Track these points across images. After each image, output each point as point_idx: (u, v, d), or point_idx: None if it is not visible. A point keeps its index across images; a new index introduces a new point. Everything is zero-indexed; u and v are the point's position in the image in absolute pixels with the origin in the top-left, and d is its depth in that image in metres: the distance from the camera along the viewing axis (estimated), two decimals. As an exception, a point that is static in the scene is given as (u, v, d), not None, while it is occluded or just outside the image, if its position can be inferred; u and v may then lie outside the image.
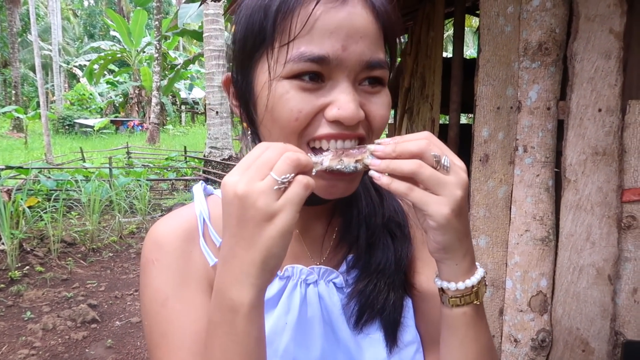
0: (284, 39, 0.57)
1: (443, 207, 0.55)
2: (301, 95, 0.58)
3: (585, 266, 1.67)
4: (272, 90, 0.59)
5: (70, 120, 25.09)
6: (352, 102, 0.58)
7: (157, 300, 0.65)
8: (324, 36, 0.56)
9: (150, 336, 0.66)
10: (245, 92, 0.65)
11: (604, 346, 1.67)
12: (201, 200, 0.72)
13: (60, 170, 10.08)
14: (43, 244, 5.98)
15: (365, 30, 0.58)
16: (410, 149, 0.55)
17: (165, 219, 0.71)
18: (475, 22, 12.54)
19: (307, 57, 0.56)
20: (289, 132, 0.59)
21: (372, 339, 0.70)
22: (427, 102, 2.69)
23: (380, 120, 0.63)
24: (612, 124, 1.60)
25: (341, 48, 0.57)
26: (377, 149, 0.56)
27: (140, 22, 23.26)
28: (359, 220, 0.74)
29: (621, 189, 1.62)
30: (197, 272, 0.67)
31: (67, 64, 31.24)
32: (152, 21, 23.95)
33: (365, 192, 0.77)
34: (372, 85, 0.62)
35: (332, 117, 0.58)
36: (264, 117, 0.61)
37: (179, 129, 29.76)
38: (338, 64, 0.57)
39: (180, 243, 0.67)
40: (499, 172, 1.81)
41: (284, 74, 0.58)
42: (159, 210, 8.32)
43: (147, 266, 0.67)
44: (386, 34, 0.62)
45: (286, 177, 0.50)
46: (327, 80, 0.59)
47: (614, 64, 1.59)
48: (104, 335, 3.98)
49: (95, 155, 15.66)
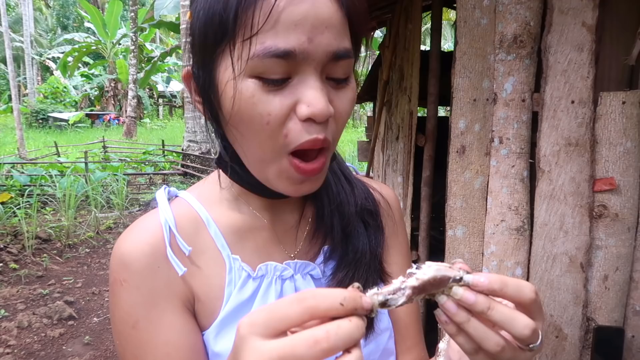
0: (246, 32, 0.54)
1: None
2: (268, 97, 0.55)
3: (559, 254, 1.70)
4: (237, 91, 0.56)
5: (43, 114, 24.51)
6: (322, 97, 0.55)
7: (127, 322, 0.63)
8: (289, 29, 0.53)
9: (123, 357, 0.65)
10: (208, 89, 0.61)
11: (577, 332, 1.72)
12: (165, 207, 0.68)
13: (34, 165, 9.87)
14: (17, 241, 5.85)
15: (330, 20, 0.56)
16: (513, 329, 0.46)
17: (129, 233, 0.67)
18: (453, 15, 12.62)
19: (273, 52, 0.53)
20: (264, 137, 0.57)
21: None
22: (406, 95, 2.70)
23: (345, 117, 0.61)
24: (584, 116, 1.64)
25: (307, 40, 0.54)
26: (478, 284, 0.46)
27: (115, 13, 22.79)
28: (331, 209, 0.73)
29: (593, 179, 1.65)
30: (166, 288, 0.64)
31: (40, 56, 30.47)
32: (127, 12, 23.48)
33: (335, 180, 0.76)
34: (338, 82, 0.60)
35: (304, 116, 0.55)
36: (231, 118, 0.58)
37: (157, 122, 29.34)
38: (304, 58, 0.55)
39: (147, 259, 0.64)
40: (475, 163, 1.84)
41: (248, 71, 0.55)
42: (137, 205, 8.21)
43: (116, 287, 0.64)
44: (351, 22, 0.60)
45: None
46: (293, 76, 0.56)
47: (586, 56, 1.62)
48: (82, 332, 3.92)
49: (71, 149, 15.34)
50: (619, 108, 1.59)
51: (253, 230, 0.72)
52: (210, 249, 0.68)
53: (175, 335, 0.63)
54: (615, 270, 1.65)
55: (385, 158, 3.41)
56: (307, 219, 0.76)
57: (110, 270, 0.66)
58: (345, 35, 0.58)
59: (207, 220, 0.70)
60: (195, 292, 0.66)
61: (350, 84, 0.61)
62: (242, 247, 0.70)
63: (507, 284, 0.46)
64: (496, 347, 0.46)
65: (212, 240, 0.69)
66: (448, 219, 1.90)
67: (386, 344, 0.75)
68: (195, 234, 0.68)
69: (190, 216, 0.70)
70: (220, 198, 0.73)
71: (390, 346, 0.76)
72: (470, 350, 0.48)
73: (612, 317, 1.68)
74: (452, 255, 1.89)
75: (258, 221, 0.72)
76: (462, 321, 0.46)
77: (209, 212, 0.70)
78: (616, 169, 1.61)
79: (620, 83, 1.67)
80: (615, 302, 1.67)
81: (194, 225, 0.69)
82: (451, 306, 0.46)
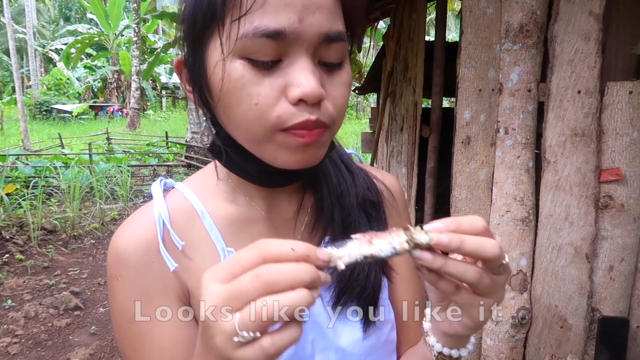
0: (235, 13, 0.53)
1: (487, 311, 0.53)
2: (257, 79, 0.54)
3: (564, 245, 1.70)
4: (226, 71, 0.55)
5: (47, 106, 24.55)
6: (313, 79, 0.54)
7: (124, 317, 0.64)
8: (279, 8, 0.52)
9: (123, 350, 0.66)
10: (198, 75, 0.60)
11: (581, 322, 1.72)
12: (160, 201, 0.67)
13: (39, 156, 9.90)
14: (22, 232, 5.89)
15: (322, 1, 0.54)
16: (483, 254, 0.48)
17: (124, 228, 0.67)
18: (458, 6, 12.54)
19: (262, 31, 0.52)
20: (253, 117, 0.56)
21: (349, 320, 0.70)
22: (410, 85, 2.69)
23: (340, 99, 0.59)
24: (590, 106, 1.63)
25: (297, 20, 0.53)
26: (441, 241, 0.47)
27: (118, 4, 22.72)
28: (331, 200, 0.72)
29: (599, 170, 1.65)
30: (161, 283, 0.65)
31: (43, 47, 30.44)
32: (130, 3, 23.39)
33: (335, 170, 0.75)
34: (331, 67, 0.58)
35: (294, 98, 0.54)
36: (219, 100, 0.58)
37: (160, 114, 29.32)
38: (295, 38, 0.53)
39: (141, 255, 0.64)
40: (480, 154, 1.83)
41: (238, 52, 0.54)
42: (141, 197, 8.24)
43: (112, 281, 0.65)
44: (345, 5, 0.59)
45: (249, 334, 0.42)
46: (284, 58, 0.55)
47: (593, 46, 1.61)
48: (88, 322, 3.96)
49: (75, 141, 15.37)
50: (626, 98, 1.58)
51: (249, 221, 0.71)
52: (204, 243, 0.68)
53: (171, 329, 0.63)
54: (620, 261, 1.65)
55: (390, 149, 3.41)
56: (306, 209, 0.75)
57: (107, 265, 0.67)
58: (339, 17, 0.57)
59: (202, 212, 0.69)
60: (190, 287, 0.66)
61: (344, 68, 0.60)
62: (238, 239, 0.69)
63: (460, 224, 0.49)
64: (476, 275, 0.49)
65: (207, 233, 0.68)
66: (453, 210, 1.90)
67: (388, 335, 0.75)
68: (190, 227, 0.68)
69: (185, 209, 0.69)
70: (218, 189, 0.72)
71: (392, 337, 0.77)
72: (451, 290, 0.51)
73: (617, 308, 1.68)
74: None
75: (254, 212, 0.71)
76: (441, 264, 0.48)
77: (204, 204, 0.70)
78: (622, 159, 1.60)
79: (627, 73, 1.66)
80: (620, 292, 1.67)
81: (188, 218, 0.68)
82: (427, 256, 0.48)
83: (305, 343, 0.68)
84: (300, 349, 0.68)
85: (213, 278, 0.45)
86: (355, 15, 0.62)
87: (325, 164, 0.74)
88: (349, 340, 0.70)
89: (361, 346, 0.70)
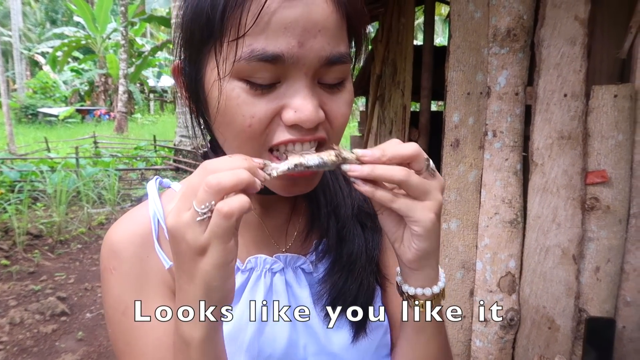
0: (233, 33, 0.52)
1: (428, 212, 0.53)
2: (253, 100, 0.54)
3: (552, 247, 1.72)
4: (222, 92, 0.54)
5: (33, 109, 24.26)
6: (310, 104, 0.53)
7: (117, 309, 0.64)
8: (278, 32, 0.51)
9: (115, 343, 0.66)
10: (196, 87, 0.60)
11: (569, 323, 1.74)
12: (155, 199, 0.67)
13: (24, 160, 9.77)
14: (8, 237, 5.80)
15: (325, 23, 0.53)
16: (402, 152, 0.53)
17: (119, 223, 0.67)
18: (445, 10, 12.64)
19: (259, 56, 0.51)
20: (245, 138, 0.55)
21: (340, 327, 0.70)
22: (399, 89, 2.70)
23: (341, 119, 0.59)
24: (577, 109, 1.65)
25: (297, 45, 0.51)
26: (365, 154, 0.52)
27: (105, 7, 22.54)
28: (328, 211, 0.72)
29: (585, 172, 1.67)
30: (155, 277, 0.65)
31: (29, 50, 30.09)
32: (117, 7, 23.24)
33: (333, 181, 0.75)
34: (331, 87, 0.58)
35: (289, 122, 0.54)
36: (216, 119, 0.57)
37: (148, 117, 29.14)
38: (294, 62, 0.52)
39: (136, 249, 0.64)
40: (469, 156, 1.85)
41: (235, 74, 0.53)
42: (129, 201, 8.17)
43: (106, 274, 0.65)
44: (349, 23, 0.57)
45: (205, 206, 0.46)
46: (282, 80, 0.54)
47: (578, 50, 1.63)
48: (75, 328, 3.90)
49: (61, 145, 15.20)
50: (611, 101, 1.60)
51: (243, 224, 0.71)
52: None
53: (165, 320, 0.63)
54: (606, 262, 1.67)
55: (379, 152, 3.42)
56: (299, 215, 0.75)
57: (100, 258, 0.67)
58: (341, 38, 0.56)
59: None
60: None
61: (345, 87, 0.60)
62: None
63: (384, 148, 0.53)
64: (403, 172, 0.52)
65: None
66: (442, 212, 1.91)
67: (381, 338, 0.75)
68: None
69: None
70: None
71: (385, 342, 0.76)
72: (389, 197, 0.53)
73: (604, 308, 1.70)
74: (446, 248, 1.90)
75: (249, 215, 0.71)
76: (370, 170, 0.52)
77: None
78: (608, 161, 1.63)
79: (612, 76, 1.69)
80: (606, 293, 1.69)
81: None
82: (356, 166, 0.52)
83: (298, 347, 0.68)
84: (292, 352, 0.68)
85: (171, 202, 0.50)
86: (360, 34, 0.61)
87: (323, 173, 0.74)
88: (341, 345, 0.70)
89: (353, 351, 0.70)
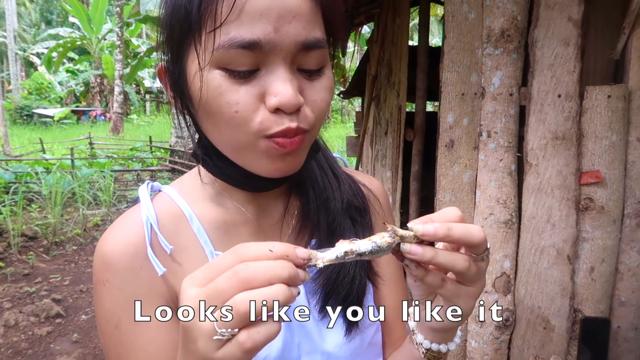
0: (210, 24, 0.53)
1: (472, 300, 0.54)
2: (235, 87, 0.55)
3: (546, 247, 1.72)
4: (204, 82, 0.55)
5: (28, 110, 24.17)
6: (290, 87, 0.54)
7: (110, 322, 0.63)
8: (254, 19, 0.52)
9: (107, 355, 0.65)
10: (179, 83, 0.60)
11: (564, 323, 1.74)
12: (147, 204, 0.67)
13: (19, 161, 9.73)
14: (2, 239, 5.77)
15: (299, 9, 0.54)
16: (471, 239, 0.50)
17: (111, 232, 0.66)
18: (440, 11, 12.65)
19: (238, 43, 0.52)
20: (234, 125, 0.56)
21: (334, 324, 0.71)
22: (394, 90, 2.70)
23: (321, 103, 0.59)
24: (571, 110, 1.66)
25: (273, 30, 0.53)
26: (427, 232, 0.48)
27: (100, 8, 22.51)
28: (317, 204, 0.73)
29: (579, 172, 1.67)
30: (148, 288, 0.64)
31: (24, 51, 29.98)
32: (113, 7, 23.18)
33: (322, 174, 0.75)
34: (311, 74, 0.58)
35: (272, 107, 0.54)
36: (200, 109, 0.58)
37: (144, 118, 29.05)
38: (271, 48, 0.53)
39: (129, 260, 0.63)
40: (464, 157, 1.85)
41: (215, 62, 0.54)
42: (125, 202, 8.15)
43: (99, 286, 0.64)
44: (324, 10, 0.58)
45: (226, 331, 0.43)
46: (261, 67, 0.55)
47: (572, 50, 1.64)
48: (70, 330, 3.89)
49: (56, 146, 15.15)
50: (605, 102, 1.61)
51: (237, 225, 0.71)
52: (192, 246, 0.67)
53: (158, 335, 0.63)
54: (601, 262, 1.68)
55: (374, 153, 3.42)
56: (292, 213, 0.75)
57: (93, 269, 0.66)
58: (317, 24, 0.57)
59: (190, 216, 0.68)
60: (178, 291, 0.65)
61: (325, 74, 0.60)
62: (227, 242, 0.69)
63: (451, 227, 0.49)
64: (465, 263, 0.50)
65: (195, 236, 0.68)
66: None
67: (372, 338, 0.75)
68: (177, 231, 0.67)
69: (173, 212, 0.69)
70: (204, 193, 0.71)
71: (377, 340, 0.77)
72: (438, 283, 0.52)
73: (599, 308, 1.70)
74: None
75: (242, 216, 0.71)
76: (432, 256, 0.49)
77: (191, 208, 0.69)
78: (602, 162, 1.63)
79: (605, 77, 1.69)
80: (601, 293, 1.70)
81: (176, 222, 0.68)
82: (417, 248, 0.49)
83: (292, 346, 0.69)
84: (287, 351, 0.68)
85: (192, 283, 0.45)
86: (335, 20, 0.61)
87: (312, 167, 0.75)
88: (334, 343, 0.70)
89: (346, 348, 0.71)
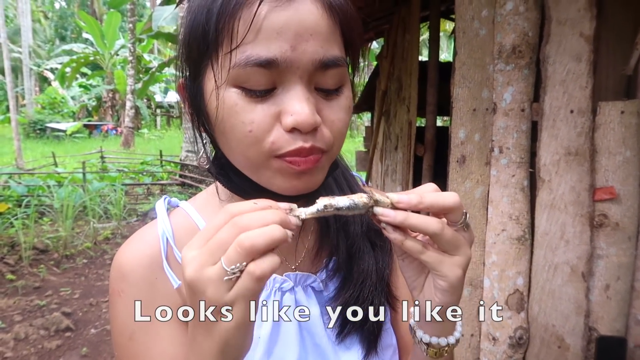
0: (227, 45, 0.53)
1: (457, 268, 0.53)
2: (251, 106, 0.54)
3: (560, 264, 1.70)
4: (220, 100, 0.55)
5: (41, 125, 24.48)
6: (307, 107, 0.54)
7: (124, 334, 0.63)
8: (271, 37, 0.52)
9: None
10: (197, 100, 0.61)
11: (579, 342, 1.71)
12: (164, 218, 0.68)
13: (32, 175, 9.84)
14: (14, 252, 5.81)
15: (316, 27, 0.54)
16: (442, 203, 0.52)
17: (128, 245, 0.67)
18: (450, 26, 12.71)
19: (254, 61, 0.52)
20: (247, 144, 0.56)
21: (351, 347, 0.70)
22: (404, 105, 2.71)
23: (338, 124, 0.59)
24: (583, 125, 1.65)
25: (290, 48, 0.53)
26: (401, 200, 0.51)
27: (113, 24, 22.87)
28: (337, 227, 0.72)
29: (593, 188, 1.66)
30: (163, 300, 0.64)
31: (38, 66, 30.50)
32: (125, 24, 23.55)
33: (341, 195, 0.75)
34: (328, 93, 0.58)
35: (288, 126, 0.54)
36: (216, 127, 0.58)
37: (154, 132, 29.32)
38: (288, 66, 0.53)
39: (144, 272, 0.64)
40: (475, 172, 1.84)
41: (231, 80, 0.54)
42: (135, 215, 8.18)
43: (114, 297, 0.65)
44: (342, 29, 0.58)
45: (236, 266, 0.45)
46: (278, 86, 0.55)
47: (584, 66, 1.63)
48: (79, 344, 3.88)
49: (68, 160, 15.30)
50: (618, 117, 1.59)
51: None
52: None
53: (172, 347, 0.62)
54: (616, 280, 1.65)
55: (384, 168, 3.41)
56: (309, 231, 0.75)
57: (109, 280, 0.67)
58: (335, 42, 0.57)
59: None
60: None
61: (343, 93, 0.60)
62: None
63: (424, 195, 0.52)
64: (438, 224, 0.51)
65: None
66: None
67: (390, 359, 0.74)
68: None
69: (189, 227, 0.69)
70: (220, 209, 0.72)
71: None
72: (418, 248, 0.52)
73: (614, 327, 1.67)
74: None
75: None
76: (403, 218, 0.51)
77: (207, 223, 0.70)
78: (616, 178, 1.61)
79: (618, 93, 1.68)
80: (617, 311, 1.66)
81: (192, 237, 0.68)
82: (389, 211, 0.51)
83: None
84: None
85: (191, 248, 0.48)
86: (354, 40, 0.61)
87: (330, 187, 0.74)
88: None
89: None
